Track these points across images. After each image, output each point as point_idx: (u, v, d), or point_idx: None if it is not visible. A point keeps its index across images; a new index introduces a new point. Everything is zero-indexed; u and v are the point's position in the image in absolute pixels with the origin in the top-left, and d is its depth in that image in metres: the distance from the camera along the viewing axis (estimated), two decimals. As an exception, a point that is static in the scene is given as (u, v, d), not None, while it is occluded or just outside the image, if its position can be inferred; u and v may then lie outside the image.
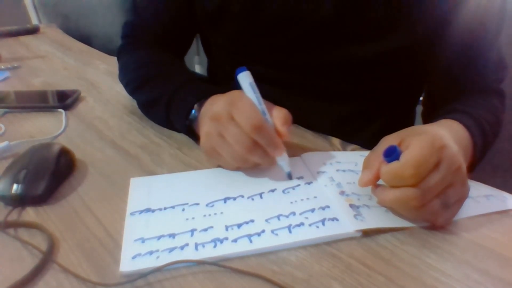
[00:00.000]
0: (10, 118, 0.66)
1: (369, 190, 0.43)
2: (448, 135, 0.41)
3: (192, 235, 0.39)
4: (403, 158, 0.38)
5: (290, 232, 0.39)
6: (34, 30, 1.28)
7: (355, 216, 0.41)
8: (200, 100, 0.52)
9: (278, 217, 0.41)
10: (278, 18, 0.61)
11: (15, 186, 0.43)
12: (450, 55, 0.60)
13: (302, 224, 0.40)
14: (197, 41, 0.80)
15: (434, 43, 0.59)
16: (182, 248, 0.37)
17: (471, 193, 0.41)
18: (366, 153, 0.44)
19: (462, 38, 0.58)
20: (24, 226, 0.41)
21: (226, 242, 0.38)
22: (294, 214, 0.42)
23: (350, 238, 0.39)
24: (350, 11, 0.58)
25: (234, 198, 0.44)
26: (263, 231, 0.39)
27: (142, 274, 0.34)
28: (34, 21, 1.55)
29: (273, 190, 0.46)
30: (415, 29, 0.57)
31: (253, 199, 0.44)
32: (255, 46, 0.66)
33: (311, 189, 0.46)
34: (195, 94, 0.54)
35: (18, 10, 1.61)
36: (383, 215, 0.42)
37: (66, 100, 0.70)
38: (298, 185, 0.47)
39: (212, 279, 0.34)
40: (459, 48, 0.59)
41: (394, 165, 0.38)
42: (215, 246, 0.37)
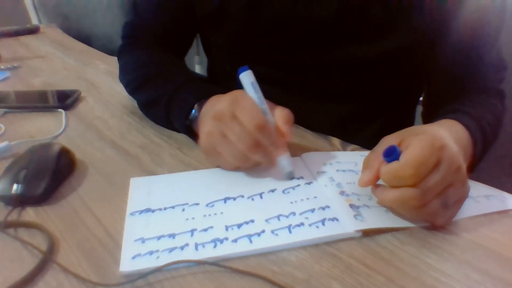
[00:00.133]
0: (10, 118, 0.66)
1: (369, 190, 0.43)
2: (448, 135, 0.41)
3: (192, 235, 0.39)
4: (403, 158, 0.38)
5: (290, 232, 0.39)
6: (34, 30, 1.28)
7: (355, 216, 0.41)
8: (200, 100, 0.52)
9: (278, 217, 0.41)
10: (278, 18, 0.61)
11: (15, 186, 0.43)
12: (450, 55, 0.60)
13: (302, 224, 0.40)
14: (197, 41, 0.80)
15: (434, 43, 0.59)
16: (182, 248, 0.37)
17: (471, 193, 0.41)
18: (366, 153, 0.44)
19: (462, 38, 0.58)
20: (24, 226, 0.41)
21: (226, 242, 0.38)
22: (294, 214, 0.42)
23: (350, 238, 0.39)
24: (350, 11, 0.58)
25: (234, 198, 0.44)
26: (263, 231, 0.39)
27: (142, 274, 0.34)
28: (34, 21, 1.55)
29: (273, 190, 0.46)
30: (415, 29, 0.57)
31: (253, 199, 0.44)
32: (255, 46, 0.66)
33: (311, 189, 0.46)
34: (195, 94, 0.54)
35: (18, 10, 1.61)
36: (383, 215, 0.42)
37: (66, 100, 0.70)
38: (298, 185, 0.47)
39: (212, 279, 0.34)
40: (459, 48, 0.59)
41: (394, 165, 0.38)
42: (215, 246, 0.37)
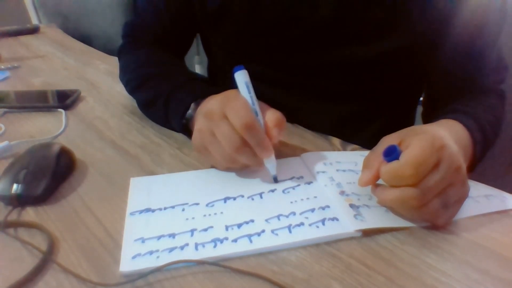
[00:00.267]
0: (10, 118, 0.66)
1: (369, 190, 0.43)
2: (448, 135, 0.41)
3: (192, 235, 0.39)
4: (403, 157, 0.38)
5: (290, 232, 0.39)
6: (34, 30, 1.28)
7: (355, 216, 0.41)
8: (197, 99, 0.52)
9: (278, 217, 0.41)
10: (278, 18, 0.61)
11: (15, 186, 0.43)
12: (450, 56, 0.60)
13: (302, 224, 0.40)
14: (197, 41, 0.80)
15: (434, 44, 0.59)
16: (182, 248, 0.37)
17: (471, 193, 0.41)
18: (366, 153, 0.44)
19: (462, 38, 0.58)
20: (24, 226, 0.41)
21: (226, 242, 0.38)
22: (294, 214, 0.42)
23: (350, 238, 0.39)
24: (350, 12, 0.58)
25: (234, 198, 0.44)
26: (263, 231, 0.39)
27: (142, 274, 0.34)
28: (34, 21, 1.55)
29: (273, 190, 0.46)
30: (415, 29, 0.57)
31: (253, 199, 0.44)
32: (255, 46, 0.66)
33: (311, 189, 0.46)
34: (193, 94, 0.54)
35: (18, 10, 1.61)
36: (383, 215, 0.42)
37: (66, 100, 0.70)
38: (298, 185, 0.47)
39: (212, 279, 0.34)
40: (459, 48, 0.59)
41: (394, 164, 0.38)
42: (215, 246, 0.37)
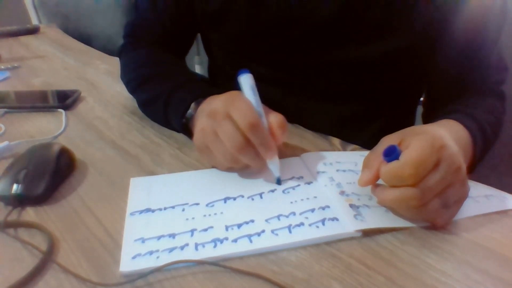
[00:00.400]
0: (10, 118, 0.66)
1: (369, 190, 0.43)
2: (448, 135, 0.41)
3: (192, 235, 0.39)
4: (403, 157, 0.38)
5: (290, 232, 0.39)
6: (34, 30, 1.28)
7: (355, 216, 0.41)
8: (197, 99, 0.52)
9: (278, 217, 0.41)
10: (278, 18, 0.61)
11: (15, 186, 0.43)
12: (450, 56, 0.60)
13: (302, 224, 0.40)
14: (197, 41, 0.81)
15: (435, 44, 0.59)
16: (182, 248, 0.37)
17: (471, 193, 0.41)
18: (366, 153, 0.44)
19: (462, 39, 0.58)
20: (24, 226, 0.41)
21: (226, 242, 0.38)
22: (294, 214, 0.42)
23: (350, 238, 0.39)
24: (350, 12, 0.58)
25: (234, 198, 0.44)
26: (263, 231, 0.39)
27: (142, 274, 0.34)
28: (34, 21, 1.55)
29: (273, 190, 0.46)
30: (415, 29, 0.57)
31: (253, 199, 0.44)
32: (256, 46, 0.66)
33: (311, 189, 0.46)
34: (193, 94, 0.54)
35: (18, 10, 1.61)
36: (383, 215, 0.42)
37: (66, 100, 0.70)
38: (298, 185, 0.47)
39: (212, 279, 0.34)
40: (459, 49, 0.59)
41: (394, 164, 0.38)
42: (215, 246, 0.37)
